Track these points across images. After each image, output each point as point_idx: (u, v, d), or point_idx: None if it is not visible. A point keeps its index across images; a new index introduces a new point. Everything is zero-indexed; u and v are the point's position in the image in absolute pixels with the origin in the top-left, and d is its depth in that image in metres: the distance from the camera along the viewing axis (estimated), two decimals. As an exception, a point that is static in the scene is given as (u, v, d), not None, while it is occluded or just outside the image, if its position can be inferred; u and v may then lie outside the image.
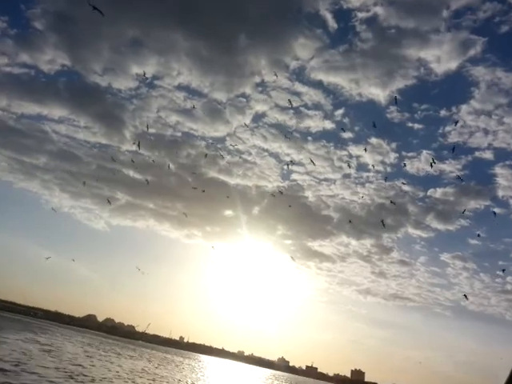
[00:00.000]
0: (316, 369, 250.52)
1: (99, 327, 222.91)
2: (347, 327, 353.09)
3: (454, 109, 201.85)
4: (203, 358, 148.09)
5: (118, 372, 23.52)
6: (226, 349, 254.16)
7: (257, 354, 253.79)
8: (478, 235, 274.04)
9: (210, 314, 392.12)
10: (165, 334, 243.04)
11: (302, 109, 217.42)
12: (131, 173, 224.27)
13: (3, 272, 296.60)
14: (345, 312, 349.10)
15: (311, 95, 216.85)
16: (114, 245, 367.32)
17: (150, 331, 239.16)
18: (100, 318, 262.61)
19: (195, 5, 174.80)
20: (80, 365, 23.12)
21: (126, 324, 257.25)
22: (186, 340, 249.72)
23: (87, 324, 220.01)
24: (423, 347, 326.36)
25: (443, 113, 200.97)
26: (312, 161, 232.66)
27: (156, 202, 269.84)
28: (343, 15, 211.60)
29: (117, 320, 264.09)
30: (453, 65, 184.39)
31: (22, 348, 24.99)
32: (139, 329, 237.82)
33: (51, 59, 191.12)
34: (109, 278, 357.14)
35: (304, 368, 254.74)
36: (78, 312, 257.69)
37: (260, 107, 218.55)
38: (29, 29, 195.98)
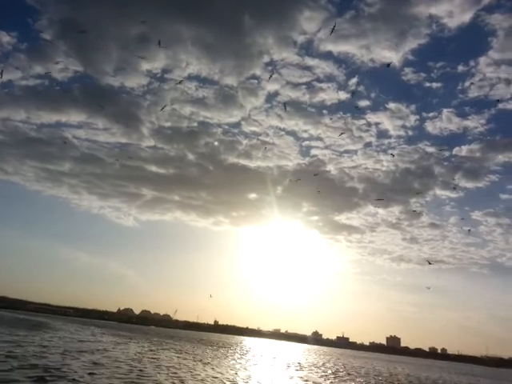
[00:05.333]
0: (347, 339, 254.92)
1: (134, 319, 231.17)
2: (382, 296, 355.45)
3: (471, 62, 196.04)
4: (241, 339, 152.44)
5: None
6: (262, 328, 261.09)
7: (291, 331, 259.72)
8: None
9: (246, 297, 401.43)
10: (197, 319, 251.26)
11: (314, 83, 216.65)
12: (154, 168, 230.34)
13: (40, 276, 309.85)
14: (379, 281, 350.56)
15: (323, 68, 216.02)
16: (145, 239, 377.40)
17: (182, 318, 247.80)
18: (136, 311, 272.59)
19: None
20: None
21: (161, 314, 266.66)
22: (220, 323, 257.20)
23: (123, 318, 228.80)
24: (462, 308, 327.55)
25: (461, 68, 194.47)
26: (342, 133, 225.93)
27: (180, 193, 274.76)
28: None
29: (153, 311, 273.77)
30: (466, 17, 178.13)
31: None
32: (175, 317, 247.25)
33: (63, 67, 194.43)
34: (143, 272, 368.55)
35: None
36: (116, 307, 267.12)
37: (272, 87, 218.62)
38: (38, 40, 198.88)
